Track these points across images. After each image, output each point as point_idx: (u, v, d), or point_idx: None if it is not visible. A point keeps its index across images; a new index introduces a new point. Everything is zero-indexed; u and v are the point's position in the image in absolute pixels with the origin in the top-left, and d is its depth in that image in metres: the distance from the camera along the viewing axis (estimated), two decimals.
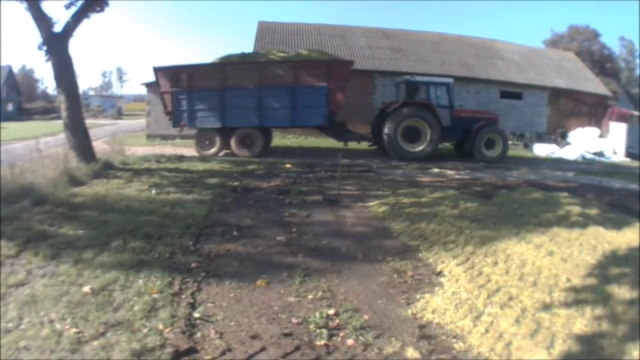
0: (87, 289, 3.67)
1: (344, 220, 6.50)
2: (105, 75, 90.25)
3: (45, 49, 9.90)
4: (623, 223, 6.33)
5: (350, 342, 3.10)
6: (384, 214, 6.81)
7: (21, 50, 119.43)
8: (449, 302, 3.72)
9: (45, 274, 4.01)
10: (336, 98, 14.04)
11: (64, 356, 2.77)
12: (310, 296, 3.84)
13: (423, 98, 14.88)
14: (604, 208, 7.52)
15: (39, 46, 9.90)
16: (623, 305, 3.52)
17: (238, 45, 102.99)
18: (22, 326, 3.08)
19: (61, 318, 3.19)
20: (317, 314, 3.46)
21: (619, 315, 3.38)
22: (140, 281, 3.90)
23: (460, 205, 7.10)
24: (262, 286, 4.03)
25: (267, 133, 15.20)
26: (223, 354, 2.91)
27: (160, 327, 3.14)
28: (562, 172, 13.21)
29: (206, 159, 13.14)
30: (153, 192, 7.69)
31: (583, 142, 20.03)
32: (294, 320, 3.39)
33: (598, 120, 23.34)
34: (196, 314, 3.43)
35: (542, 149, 19.19)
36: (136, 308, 3.40)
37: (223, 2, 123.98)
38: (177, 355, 2.84)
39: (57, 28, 9.97)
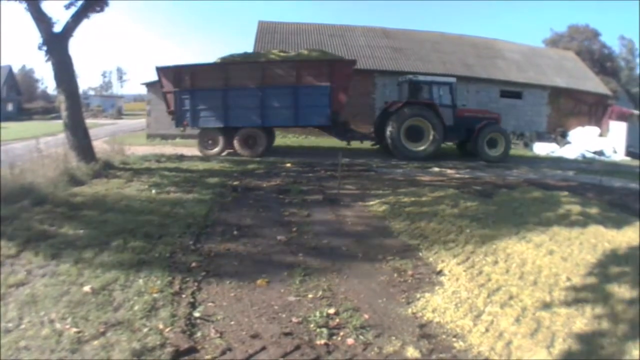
0: (87, 288, 3.68)
1: (344, 220, 6.50)
2: (105, 75, 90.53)
3: (45, 49, 9.91)
4: (623, 222, 6.34)
5: (350, 341, 3.10)
6: (384, 213, 6.81)
7: (21, 50, 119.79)
8: (449, 301, 3.72)
9: (46, 273, 4.02)
10: (339, 98, 14.02)
11: (64, 356, 2.77)
12: (310, 295, 3.85)
13: (426, 97, 14.83)
14: (604, 207, 7.53)
15: (39, 46, 9.91)
16: (623, 304, 3.53)
17: (238, 45, 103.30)
18: (22, 326, 3.08)
19: (61, 318, 3.19)
20: (318, 313, 3.46)
21: (619, 314, 3.38)
22: (141, 281, 3.91)
23: (460, 205, 7.10)
24: (262, 285, 4.03)
25: (270, 133, 15.18)
26: (223, 353, 2.91)
27: (161, 326, 3.14)
28: (562, 171, 13.19)
29: (206, 159, 13.15)
30: (153, 191, 7.70)
31: (583, 141, 20.02)
32: (294, 319, 3.39)
33: (598, 119, 23.35)
34: (196, 314, 3.43)
35: (542, 148, 19.18)
36: (136, 307, 3.40)
37: (223, 2, 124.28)
38: (178, 354, 2.84)
39: (57, 28, 10.00)
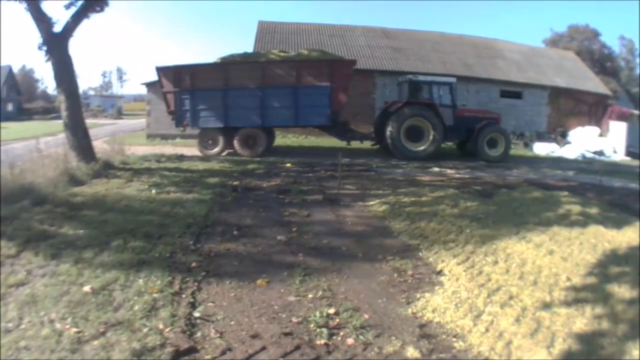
0: (87, 288, 3.67)
1: (344, 220, 6.50)
2: (105, 75, 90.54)
3: (45, 49, 9.91)
4: (623, 222, 6.34)
5: (350, 341, 3.10)
6: (384, 213, 6.81)
7: (21, 50, 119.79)
8: (449, 301, 3.72)
9: (46, 273, 4.02)
10: (339, 98, 14.02)
11: (64, 356, 2.77)
12: (310, 295, 3.85)
13: (426, 97, 14.83)
14: (604, 207, 7.53)
15: (39, 46, 9.91)
16: (623, 304, 3.53)
17: (238, 45, 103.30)
18: (22, 326, 3.08)
19: (61, 318, 3.19)
20: (317, 313, 3.46)
21: (619, 314, 3.38)
22: (141, 281, 3.91)
23: (460, 205, 7.10)
24: (262, 285, 4.03)
25: (270, 133, 15.18)
26: (223, 353, 2.91)
27: (161, 326, 3.14)
28: (562, 171, 13.19)
29: (206, 159, 13.14)
30: (153, 191, 7.69)
31: (583, 141, 20.02)
32: (294, 319, 3.39)
33: (598, 119, 23.35)
34: (196, 314, 3.43)
35: (542, 148, 19.18)
36: (136, 308, 3.40)
37: (223, 2, 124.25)
38: (177, 354, 2.84)
39: (57, 28, 10.00)
